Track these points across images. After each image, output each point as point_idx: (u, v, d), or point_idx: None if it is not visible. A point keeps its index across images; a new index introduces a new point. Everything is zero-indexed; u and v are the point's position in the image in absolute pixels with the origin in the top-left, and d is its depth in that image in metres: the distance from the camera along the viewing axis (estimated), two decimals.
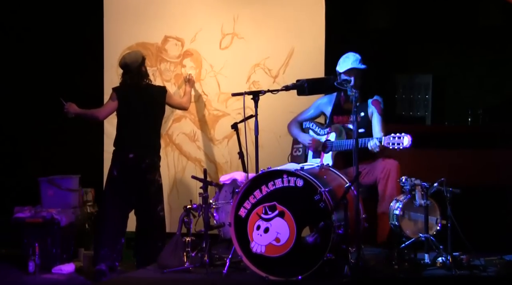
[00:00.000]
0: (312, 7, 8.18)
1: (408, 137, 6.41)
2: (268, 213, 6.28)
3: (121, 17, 8.60)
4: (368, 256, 6.55)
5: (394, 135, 6.48)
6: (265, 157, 7.31)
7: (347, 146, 6.79)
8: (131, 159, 7.20)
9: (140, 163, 7.22)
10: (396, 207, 6.60)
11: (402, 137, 6.43)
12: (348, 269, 6.02)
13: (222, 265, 6.64)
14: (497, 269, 6.54)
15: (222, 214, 7.20)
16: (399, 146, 6.44)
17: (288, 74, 8.16)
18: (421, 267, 6.46)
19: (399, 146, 6.44)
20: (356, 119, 6.24)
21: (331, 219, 6.01)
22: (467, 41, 8.44)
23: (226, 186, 7.33)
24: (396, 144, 6.46)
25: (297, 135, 7.30)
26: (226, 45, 8.41)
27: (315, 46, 8.13)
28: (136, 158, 7.21)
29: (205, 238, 6.81)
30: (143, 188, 7.25)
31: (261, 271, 6.25)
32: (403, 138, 6.43)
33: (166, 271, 6.70)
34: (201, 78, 8.44)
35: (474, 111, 8.27)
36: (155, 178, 7.32)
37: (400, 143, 6.44)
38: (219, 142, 8.42)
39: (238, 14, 8.37)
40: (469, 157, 7.74)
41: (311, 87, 6.73)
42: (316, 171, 6.58)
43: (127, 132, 7.28)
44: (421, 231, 6.52)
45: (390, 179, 6.79)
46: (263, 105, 6.96)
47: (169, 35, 8.53)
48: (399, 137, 6.45)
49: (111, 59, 8.53)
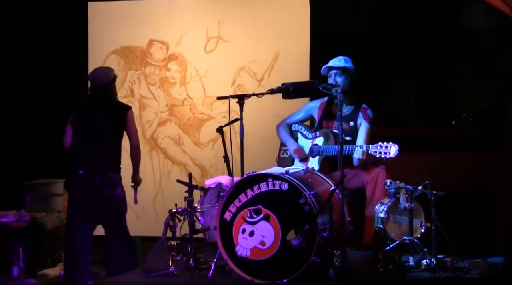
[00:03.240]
0: (297, 11, 8.20)
1: (395, 147, 6.41)
2: (253, 217, 6.28)
3: (105, 20, 8.60)
4: (353, 259, 6.55)
5: (382, 144, 6.49)
6: (250, 161, 7.29)
7: (334, 151, 6.79)
8: (81, 175, 6.95)
9: (92, 179, 6.93)
10: (381, 210, 6.61)
11: (389, 147, 6.44)
12: (333, 272, 6.01)
13: (207, 269, 6.62)
14: (481, 271, 6.56)
15: (207, 217, 7.18)
16: (385, 155, 6.45)
17: (273, 78, 8.19)
18: (405, 269, 6.46)
19: (386, 155, 6.45)
20: (340, 122, 6.25)
21: (316, 222, 6.01)
22: (451, 44, 8.46)
23: (211, 190, 7.31)
24: (382, 153, 6.47)
25: (285, 140, 7.28)
26: (211, 49, 8.42)
27: (300, 49, 8.16)
28: (87, 174, 6.95)
29: (190, 242, 6.79)
30: (102, 204, 6.98)
31: (246, 275, 6.24)
32: (390, 147, 6.43)
33: (151, 275, 6.68)
34: (186, 82, 8.45)
35: (458, 114, 8.29)
36: (116, 193, 7.02)
37: (387, 152, 6.45)
38: (204, 145, 8.43)
39: (223, 17, 8.38)
40: (454, 160, 7.76)
41: (296, 91, 6.73)
42: (301, 174, 6.58)
43: (80, 149, 7.04)
44: (405, 233, 6.53)
45: (378, 184, 6.79)
46: (248, 109, 6.96)
47: (154, 38, 8.54)
48: (386, 146, 6.46)
49: (96, 63, 8.52)
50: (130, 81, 8.59)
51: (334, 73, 7.02)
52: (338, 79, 6.99)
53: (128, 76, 8.58)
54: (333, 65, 7.02)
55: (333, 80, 6.99)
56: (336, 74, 7.02)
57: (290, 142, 7.22)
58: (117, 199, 6.99)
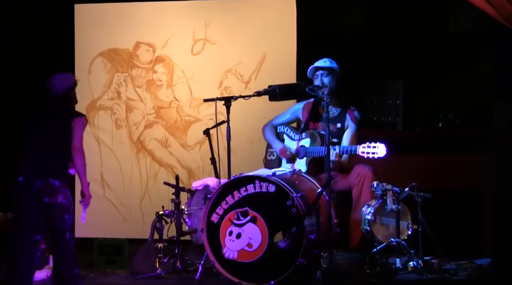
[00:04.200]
0: (283, 13, 8.20)
1: (383, 146, 6.43)
2: (240, 219, 6.28)
3: (92, 22, 8.57)
4: (340, 261, 6.56)
5: (370, 144, 6.50)
6: (237, 163, 7.29)
7: (321, 153, 6.79)
8: (20, 183, 6.47)
9: (31, 187, 6.46)
10: (368, 212, 6.63)
11: (378, 147, 6.44)
12: (320, 274, 6.02)
13: (194, 271, 6.63)
14: (467, 273, 6.60)
15: (194, 220, 7.18)
16: (374, 155, 6.46)
17: (260, 80, 8.18)
18: (392, 271, 6.48)
19: (374, 155, 6.46)
20: (327, 124, 6.26)
21: (303, 225, 6.02)
22: (437, 46, 8.48)
23: (198, 192, 7.32)
24: (371, 153, 6.48)
25: (271, 141, 7.29)
26: (198, 51, 8.41)
27: (287, 51, 8.16)
28: (26, 180, 6.47)
29: (177, 244, 6.80)
30: (45, 213, 6.48)
31: (233, 277, 6.25)
32: (378, 147, 6.44)
33: (138, 277, 6.69)
34: (172, 84, 8.44)
35: (445, 116, 8.31)
36: (56, 202, 6.44)
37: (375, 152, 6.45)
38: (191, 148, 8.42)
39: (210, 20, 8.37)
40: (440, 162, 7.78)
41: (283, 93, 6.74)
42: (288, 176, 6.58)
43: (23, 155, 6.61)
44: (392, 235, 6.55)
45: (365, 186, 6.80)
46: (235, 111, 6.95)
47: (140, 40, 8.52)
48: (375, 146, 6.46)
49: (82, 65, 8.52)
50: (116, 84, 8.56)
51: (321, 73, 7.04)
52: (325, 79, 7.01)
53: (115, 79, 8.55)
54: (319, 65, 7.05)
55: (319, 80, 7.01)
56: (322, 74, 7.04)
57: (276, 142, 7.22)
58: (58, 208, 6.42)
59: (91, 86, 8.55)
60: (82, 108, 8.51)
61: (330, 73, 7.03)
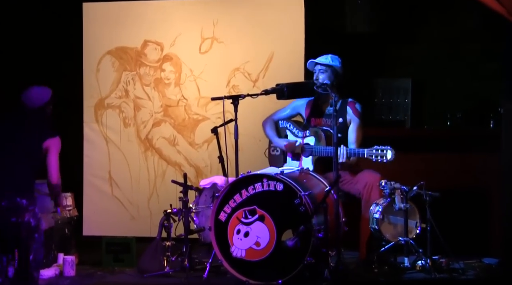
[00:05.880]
0: (292, 11, 8.20)
1: (391, 151, 6.44)
2: (248, 217, 6.28)
3: (100, 21, 8.58)
4: (348, 260, 6.56)
5: (378, 147, 6.50)
6: (245, 161, 7.30)
7: (328, 153, 6.78)
8: None
9: None
10: (376, 211, 6.62)
11: (386, 150, 6.45)
12: (328, 272, 6.03)
13: (202, 270, 6.63)
14: (476, 273, 6.58)
15: (202, 218, 7.18)
16: (382, 158, 6.47)
17: (267, 78, 8.17)
18: (400, 270, 6.48)
19: (382, 158, 6.46)
20: (335, 124, 6.25)
21: (311, 223, 6.02)
22: (446, 45, 8.46)
23: (206, 190, 7.31)
24: (379, 157, 6.48)
25: (271, 137, 7.27)
26: (205, 49, 8.41)
27: (295, 50, 8.15)
28: None
29: (185, 243, 6.80)
30: (12, 233, 6.25)
31: (241, 275, 6.25)
32: (386, 151, 6.45)
33: (146, 275, 6.69)
34: (180, 83, 8.44)
35: (453, 115, 8.29)
36: (23, 221, 6.22)
37: (383, 156, 6.46)
38: (199, 146, 8.42)
39: (218, 18, 8.37)
40: (448, 161, 7.77)
41: (290, 91, 6.73)
42: (296, 175, 6.58)
43: None
44: (400, 234, 6.55)
45: (373, 194, 6.79)
46: (243, 109, 6.95)
47: (148, 39, 8.52)
48: (382, 150, 6.47)
49: (90, 64, 8.53)
50: (124, 82, 8.57)
51: (318, 69, 7.09)
52: (321, 76, 7.03)
53: (123, 77, 8.56)
54: (317, 61, 7.06)
55: (316, 76, 7.03)
56: (320, 70, 7.07)
57: (278, 140, 7.21)
58: (25, 227, 6.22)
59: (99, 84, 8.56)
60: (91, 107, 8.57)
61: (327, 70, 7.04)
